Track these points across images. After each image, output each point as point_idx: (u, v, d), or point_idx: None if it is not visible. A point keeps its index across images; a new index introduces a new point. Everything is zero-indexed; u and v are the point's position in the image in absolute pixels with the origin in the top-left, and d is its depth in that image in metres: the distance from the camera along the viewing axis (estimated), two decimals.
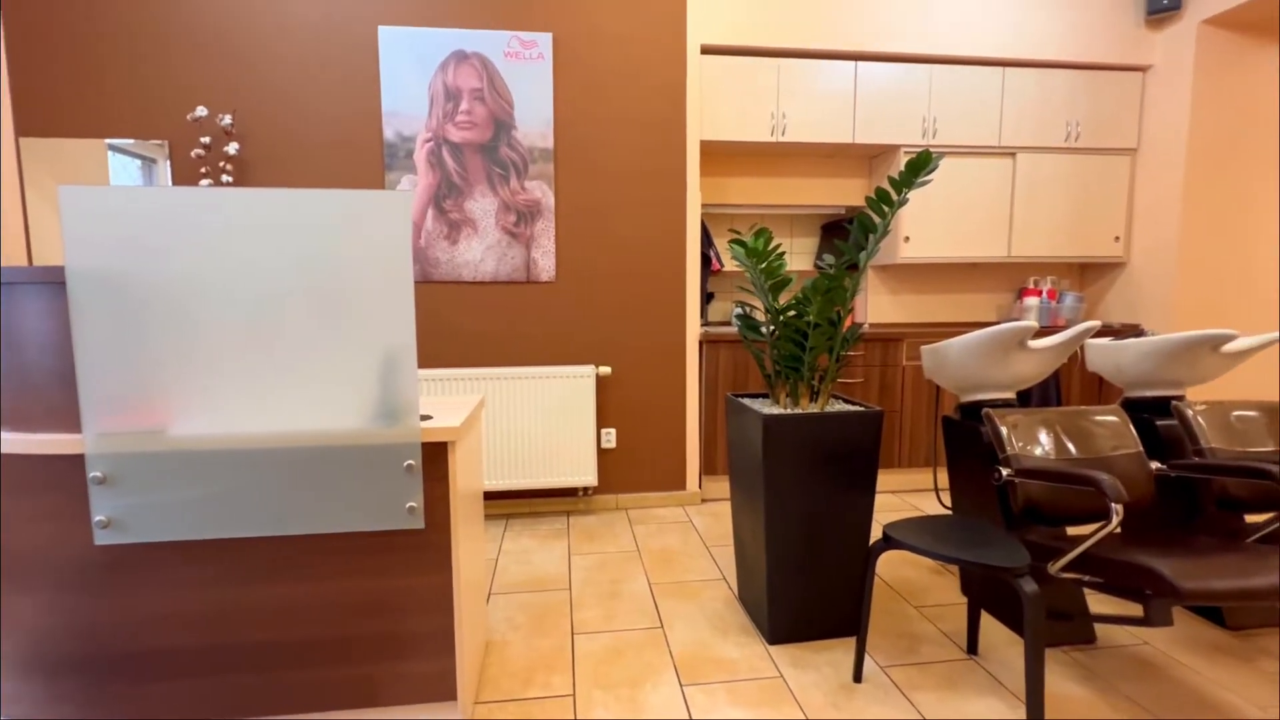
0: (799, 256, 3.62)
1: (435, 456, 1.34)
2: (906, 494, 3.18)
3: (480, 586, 1.74)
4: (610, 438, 2.97)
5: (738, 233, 2.17)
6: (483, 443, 2.78)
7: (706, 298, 3.38)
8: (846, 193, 3.52)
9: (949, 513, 2.13)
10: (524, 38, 2.75)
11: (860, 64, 3.10)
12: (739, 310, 2.12)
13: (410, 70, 2.71)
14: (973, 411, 2.03)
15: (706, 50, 3.00)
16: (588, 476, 2.86)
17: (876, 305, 3.59)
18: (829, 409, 1.80)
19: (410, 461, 1.30)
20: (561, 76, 2.80)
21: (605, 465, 2.99)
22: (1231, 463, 1.60)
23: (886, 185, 3.22)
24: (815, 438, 1.74)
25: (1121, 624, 1.55)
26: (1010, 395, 2.04)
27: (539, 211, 2.84)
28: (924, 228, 3.26)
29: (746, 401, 1.95)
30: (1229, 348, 1.98)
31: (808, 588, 1.80)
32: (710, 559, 2.41)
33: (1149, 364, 2.05)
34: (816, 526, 1.78)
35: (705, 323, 3.35)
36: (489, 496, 2.94)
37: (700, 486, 3.09)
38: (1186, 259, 3.15)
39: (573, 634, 1.87)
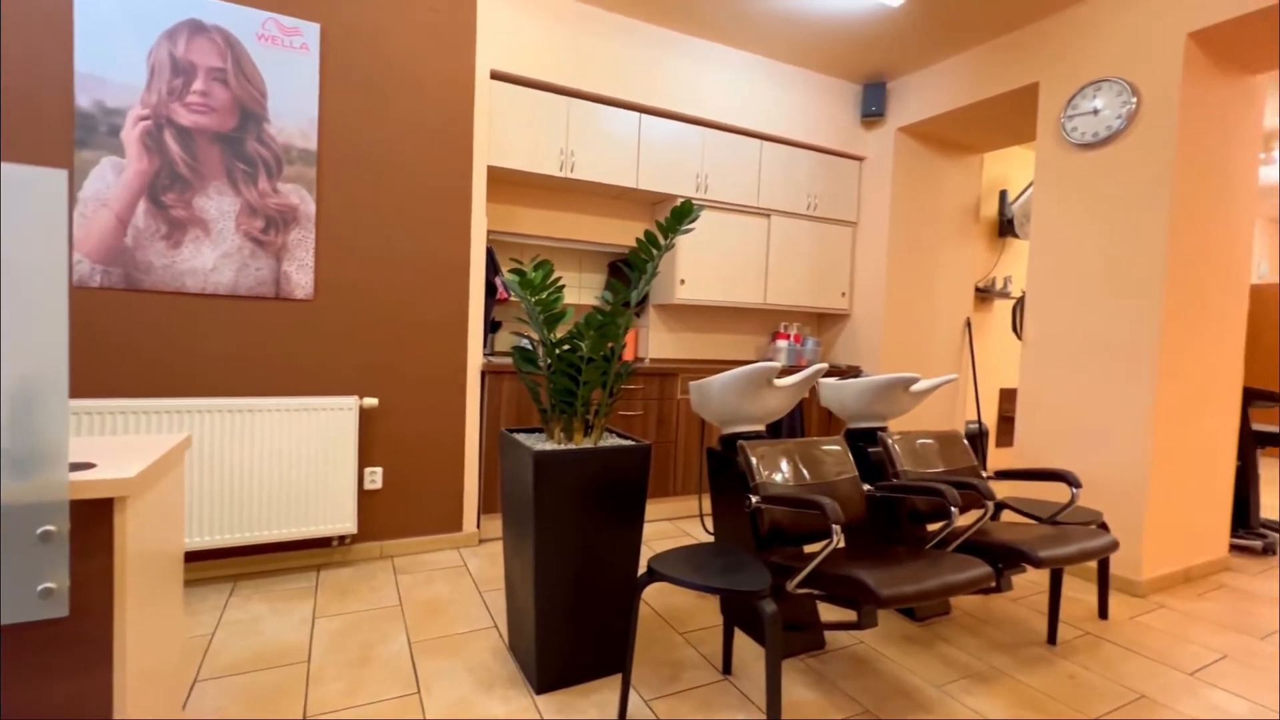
0: (588, 291, 3.70)
1: (93, 518, 1.02)
2: (680, 520, 3.37)
3: (173, 679, 1.38)
4: (376, 477, 2.66)
5: (519, 262, 2.12)
6: (190, 491, 2.28)
7: (492, 326, 3.26)
8: (631, 233, 3.71)
9: (712, 538, 2.28)
10: (284, 23, 2.42)
11: (644, 116, 3.32)
12: (522, 342, 2.05)
13: (123, 29, 2.20)
14: (732, 442, 2.21)
15: (498, 76, 2.96)
16: (345, 523, 2.52)
17: (657, 341, 3.81)
18: (602, 444, 1.81)
19: (49, 527, 0.97)
20: (332, 74, 2.51)
21: (369, 509, 2.66)
22: (916, 484, 1.96)
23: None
24: (587, 473, 1.73)
25: (843, 629, 1.77)
26: (761, 427, 2.27)
27: (295, 219, 2.48)
28: (698, 272, 3.56)
29: (520, 437, 1.88)
30: (915, 388, 2.46)
31: (578, 629, 1.76)
32: (483, 606, 2.25)
33: (863, 400, 2.45)
34: (587, 564, 1.76)
35: (490, 352, 3.22)
36: (211, 556, 2.41)
37: (479, 526, 2.91)
38: (891, 313, 3.89)
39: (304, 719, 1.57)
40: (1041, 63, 3.04)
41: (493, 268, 3.11)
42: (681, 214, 1.57)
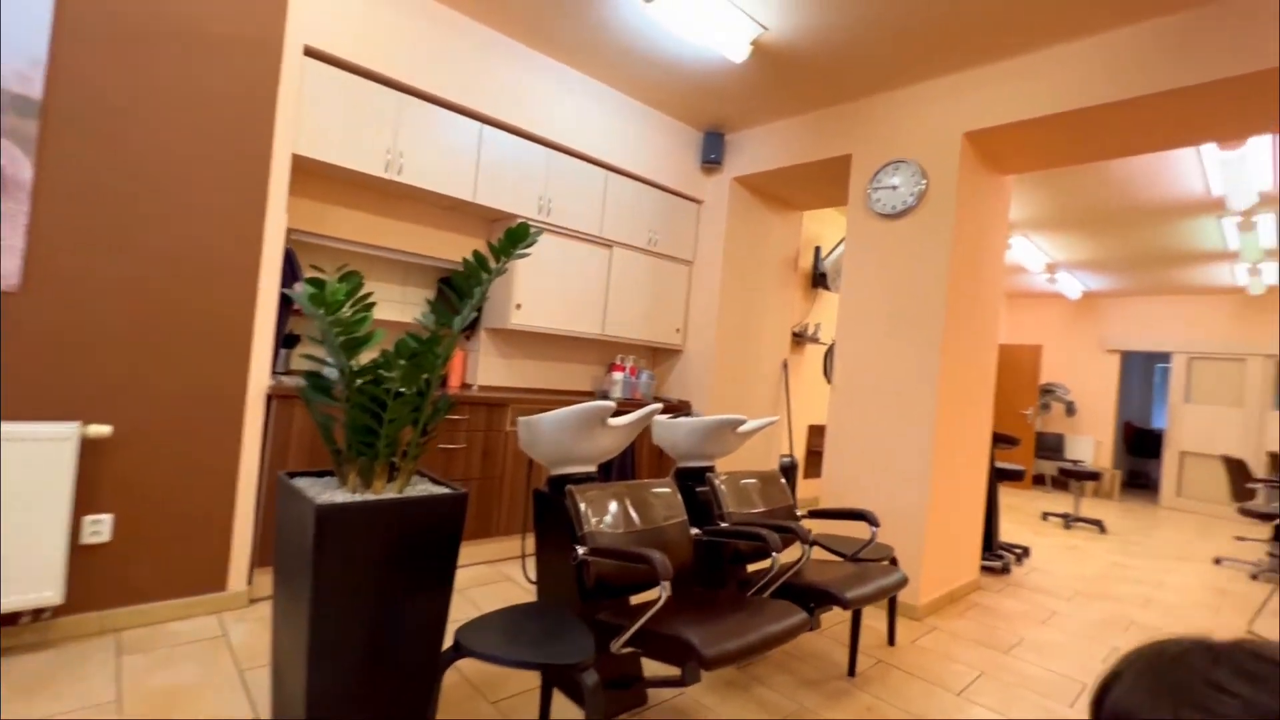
0: (413, 308, 3.34)
1: None
2: (502, 563, 3.12)
3: None
4: (101, 528, 2.07)
5: (320, 270, 1.78)
6: None
7: (287, 340, 2.77)
8: (466, 248, 3.44)
9: (533, 587, 2.09)
10: None
11: (488, 128, 3.11)
12: (332, 367, 1.71)
13: None
14: (561, 484, 2.06)
15: (314, 54, 2.57)
16: (45, 591, 1.90)
17: (488, 367, 3.55)
18: (409, 491, 1.55)
19: None
20: (73, 9, 1.97)
21: (87, 569, 2.05)
22: (741, 529, 1.97)
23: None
24: (386, 528, 1.46)
25: (666, 686, 1.68)
26: (593, 468, 2.15)
27: None
28: (536, 298, 3.39)
29: (302, 483, 1.55)
30: (743, 428, 2.52)
31: (365, 715, 1.46)
32: (243, 691, 1.81)
33: (693, 440, 2.45)
34: (379, 638, 1.47)
35: (283, 371, 2.73)
36: None
37: (250, 582, 2.40)
38: (721, 351, 4.06)
39: None
40: (855, 138, 3.41)
41: (292, 272, 2.66)
42: (516, 237, 1.41)
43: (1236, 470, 4.61)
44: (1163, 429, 7.50)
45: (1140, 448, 8.53)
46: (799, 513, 2.57)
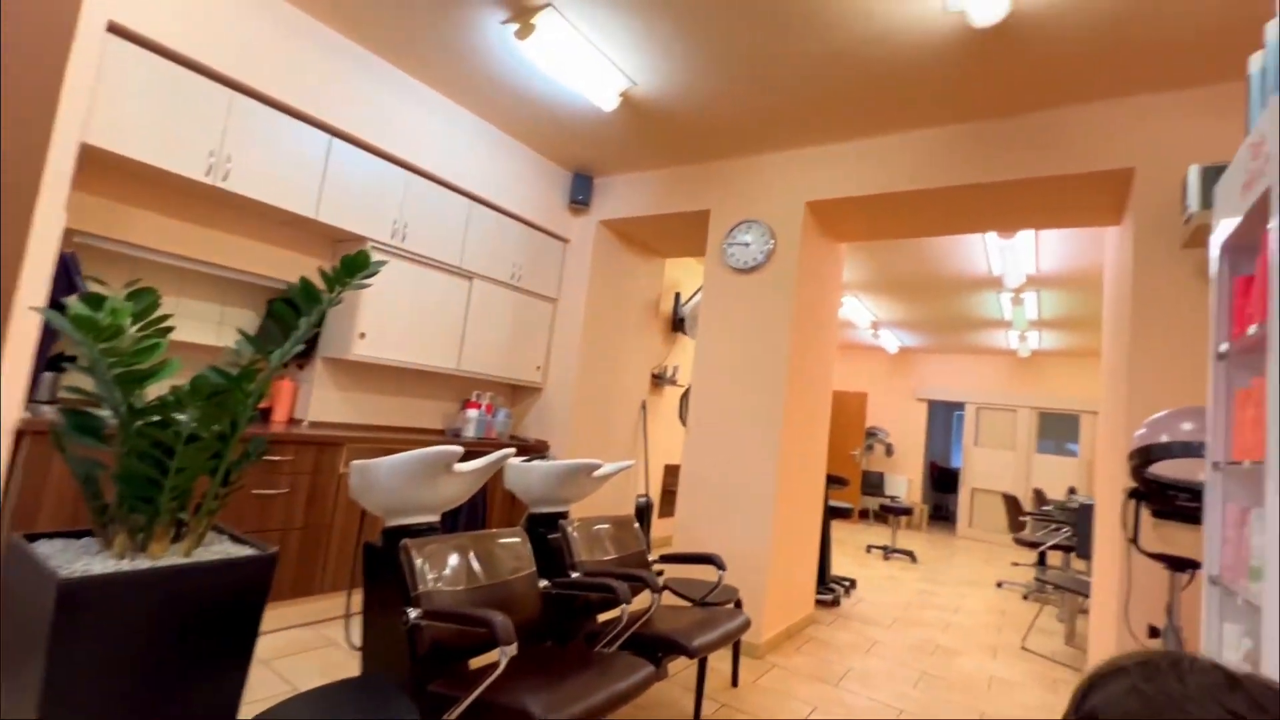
0: (233, 331, 2.93)
1: None
2: (326, 624, 2.75)
3: None
4: None
5: (102, 282, 1.48)
6: None
7: (53, 363, 2.28)
8: (304, 270, 3.11)
9: (359, 654, 1.85)
10: None
11: (337, 141, 2.87)
12: (109, 404, 1.40)
13: None
14: (396, 537, 1.87)
15: (120, 32, 2.21)
16: None
17: (323, 401, 3.19)
18: (201, 554, 1.31)
19: None
20: None
21: None
22: (591, 580, 1.91)
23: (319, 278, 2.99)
24: (163, 601, 1.20)
25: None
26: (435, 518, 1.99)
27: None
28: (384, 327, 3.14)
29: (45, 549, 1.24)
30: (598, 473, 2.49)
31: None
32: None
33: (548, 484, 2.37)
34: None
35: (47, 400, 2.23)
36: None
37: None
38: (581, 391, 4.03)
39: None
40: (714, 195, 3.63)
41: (67, 280, 2.20)
42: (354, 266, 1.27)
43: (1011, 505, 5.43)
44: (959, 468, 8.71)
45: (942, 484, 9.81)
46: (651, 557, 2.57)
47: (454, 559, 1.71)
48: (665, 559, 2.53)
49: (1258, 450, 1.21)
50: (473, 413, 3.69)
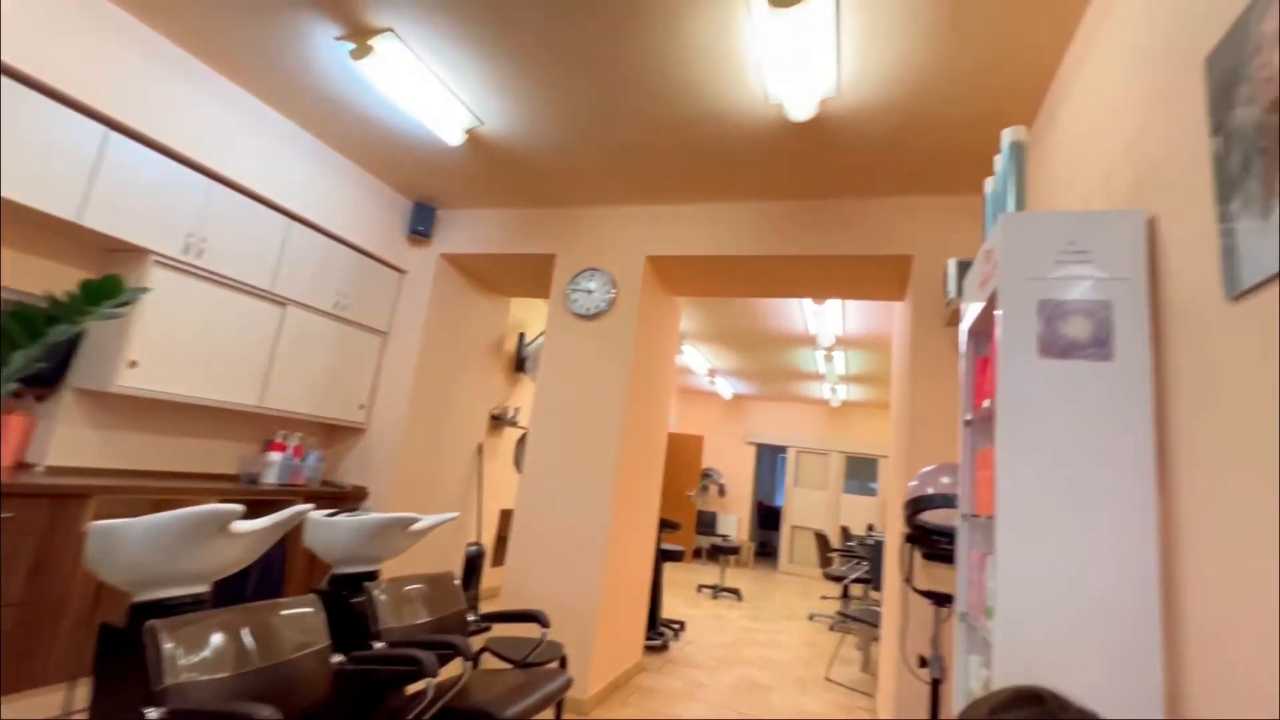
0: None
1: None
2: None
3: None
4: None
5: None
6: None
7: None
8: (61, 281, 2.57)
9: None
10: None
11: (115, 134, 2.45)
12: None
13: None
14: (144, 615, 1.55)
15: None
16: None
17: (69, 442, 2.61)
18: None
19: None
20: None
21: None
22: (393, 653, 1.73)
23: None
24: None
25: None
26: (205, 588, 1.68)
27: None
28: (163, 355, 2.67)
29: None
30: (416, 527, 2.30)
31: None
32: None
33: (356, 542, 2.14)
34: None
35: None
36: None
37: None
38: (411, 432, 3.75)
39: None
40: (560, 241, 3.66)
41: None
42: (97, 293, 1.06)
43: (821, 542, 5.98)
44: (781, 506, 9.45)
45: (767, 522, 10.56)
46: (472, 616, 2.41)
47: (218, 639, 1.45)
48: (486, 617, 2.38)
49: (990, 506, 1.44)
50: (276, 456, 3.25)
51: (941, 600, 2.15)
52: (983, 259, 1.62)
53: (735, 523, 9.32)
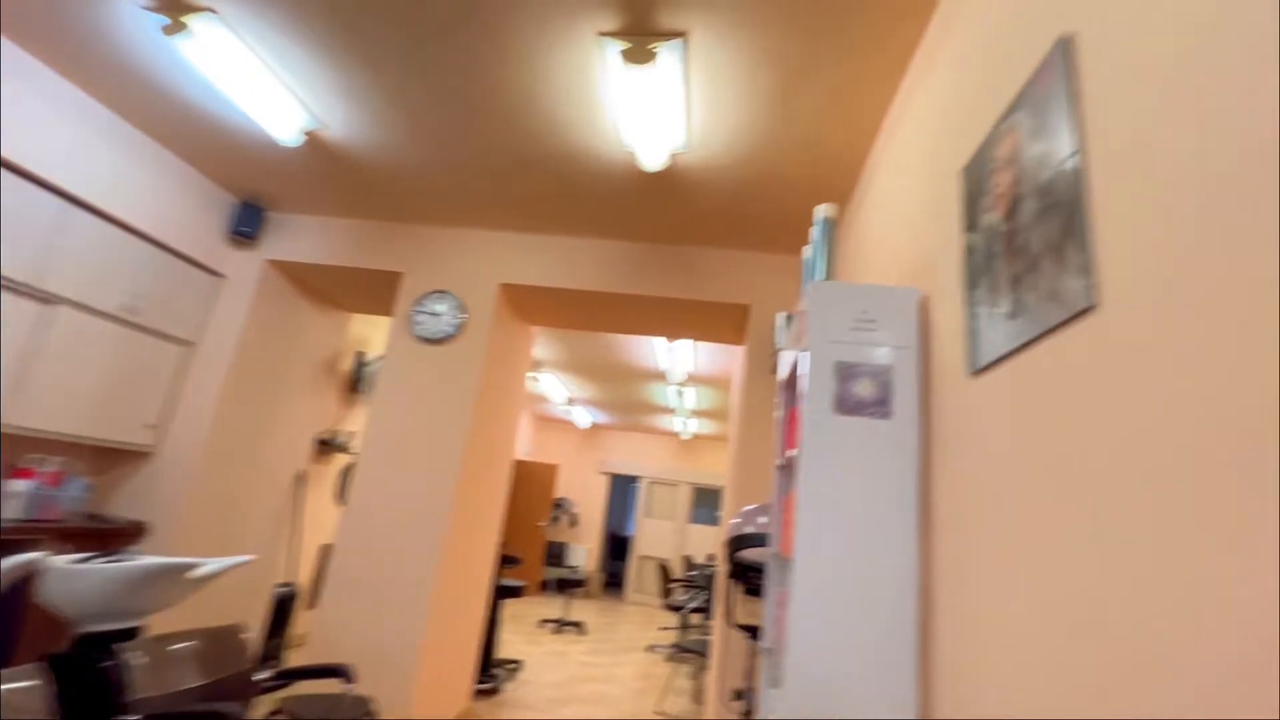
0: None
1: None
2: None
3: None
4: None
5: None
6: None
7: None
8: None
9: None
10: None
11: None
12: None
13: None
14: None
15: None
16: None
17: None
18: None
19: None
20: None
21: None
22: None
23: None
24: None
25: None
26: None
27: None
28: None
29: None
30: (198, 573, 1.99)
31: None
32: None
33: (112, 594, 1.79)
34: None
35: None
36: None
37: None
38: (214, 458, 3.27)
39: None
40: (407, 259, 3.46)
41: None
42: None
43: (663, 572, 6.13)
44: (632, 536, 9.57)
45: (617, 552, 10.63)
46: (265, 673, 2.12)
47: None
48: (282, 675, 2.11)
49: (791, 548, 1.56)
50: (22, 484, 2.67)
51: (756, 634, 2.28)
52: (796, 318, 1.79)
53: (585, 553, 9.27)
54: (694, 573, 6.70)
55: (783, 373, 1.97)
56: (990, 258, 1.20)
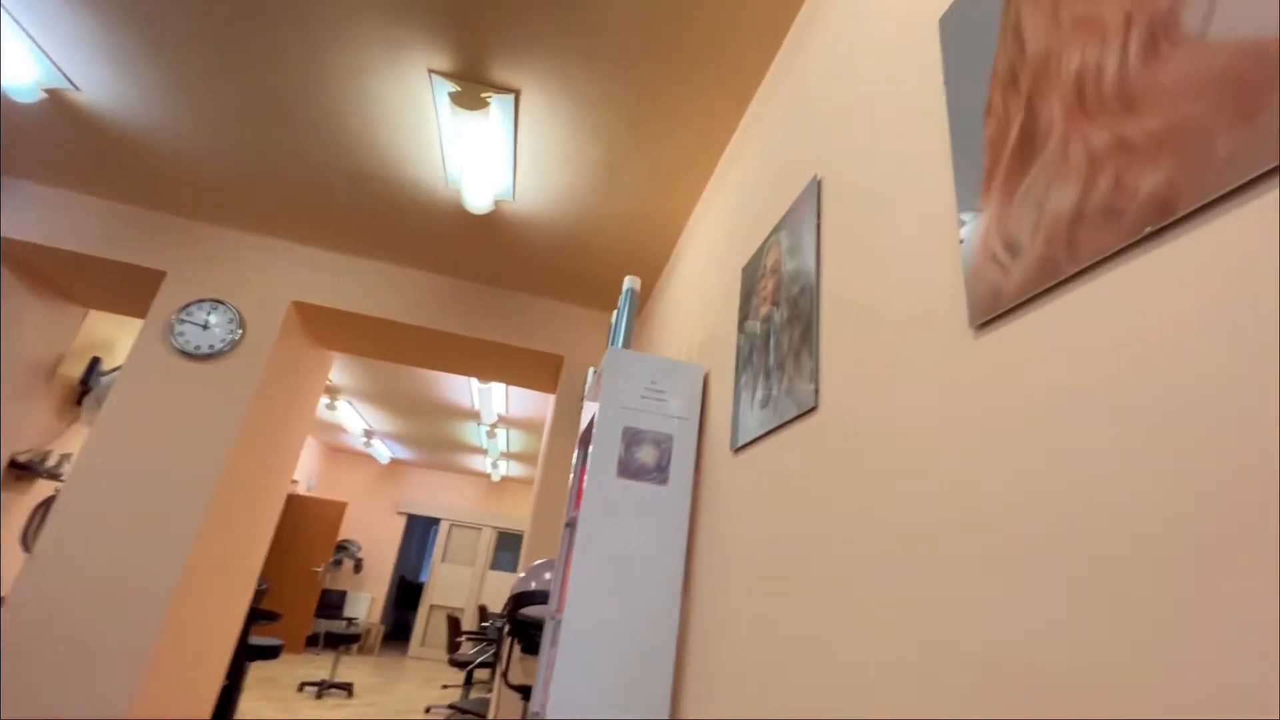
0: None
1: None
2: None
3: None
4: None
5: None
6: None
7: None
8: None
9: None
10: None
11: None
12: None
13: None
14: None
15: None
16: None
17: None
18: None
19: None
20: None
21: None
22: None
23: None
24: None
25: None
26: None
27: None
28: None
29: None
30: None
31: None
32: None
33: None
34: None
35: None
36: None
37: None
38: None
39: None
40: (174, 257, 2.97)
41: None
42: None
43: (452, 624, 5.75)
44: (424, 582, 8.87)
45: (407, 600, 9.77)
46: None
47: None
48: None
49: (564, 608, 1.56)
50: None
51: (528, 694, 2.22)
52: (595, 380, 1.85)
53: (368, 603, 8.37)
54: (486, 624, 6.38)
55: (582, 426, 2.02)
56: (753, 351, 1.37)
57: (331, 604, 8.21)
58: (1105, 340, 0.52)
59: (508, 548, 9.24)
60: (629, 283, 1.89)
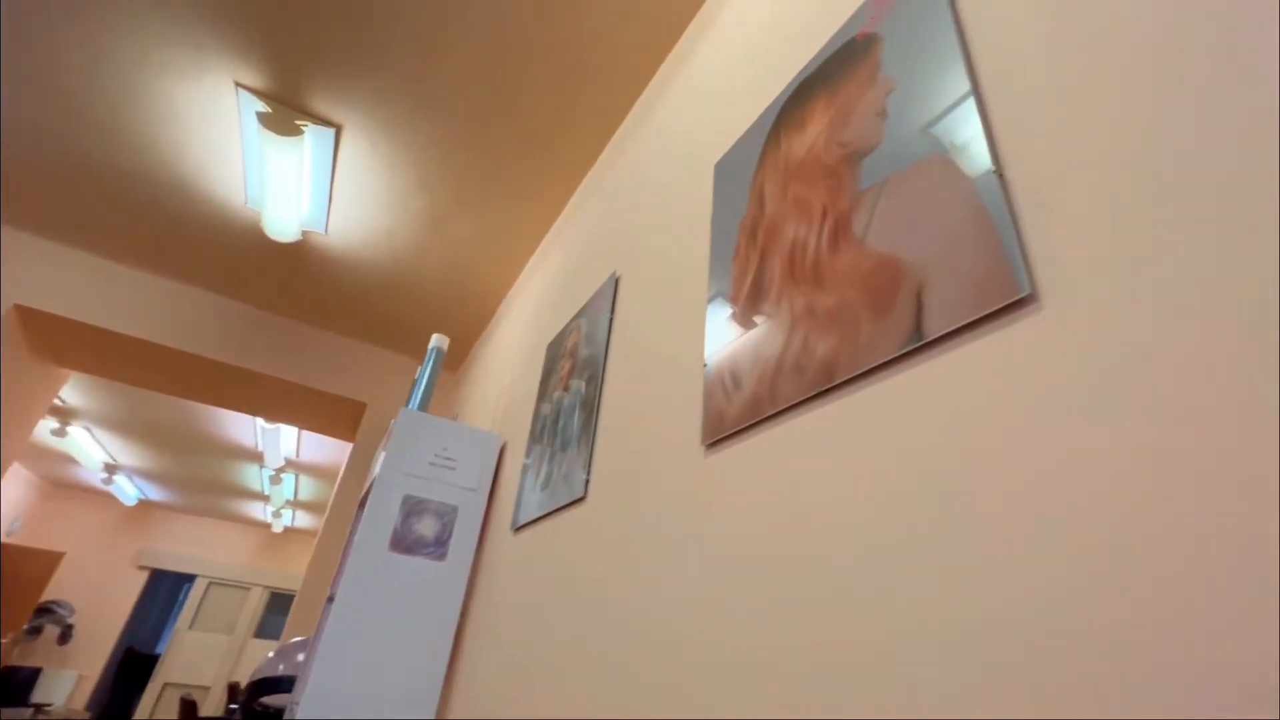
0: None
1: None
2: None
3: None
4: None
5: None
6: None
7: None
8: None
9: None
10: None
11: None
12: None
13: None
14: None
15: None
16: None
17: None
18: None
19: None
20: None
21: None
22: None
23: None
24: None
25: None
26: None
27: None
28: None
29: None
30: None
31: None
32: None
33: None
34: None
35: None
36: None
37: None
38: None
39: None
40: None
41: None
42: None
43: (186, 710, 4.76)
44: (159, 654, 7.29)
45: (133, 678, 7.92)
46: None
47: None
48: None
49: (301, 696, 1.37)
50: None
51: None
52: (385, 440, 1.73)
53: (72, 682, 6.64)
54: (235, 707, 5.37)
55: (361, 492, 1.85)
56: (544, 430, 1.38)
57: (18, 686, 6.38)
58: (786, 470, 0.60)
59: (282, 610, 7.99)
60: (435, 341, 1.82)
